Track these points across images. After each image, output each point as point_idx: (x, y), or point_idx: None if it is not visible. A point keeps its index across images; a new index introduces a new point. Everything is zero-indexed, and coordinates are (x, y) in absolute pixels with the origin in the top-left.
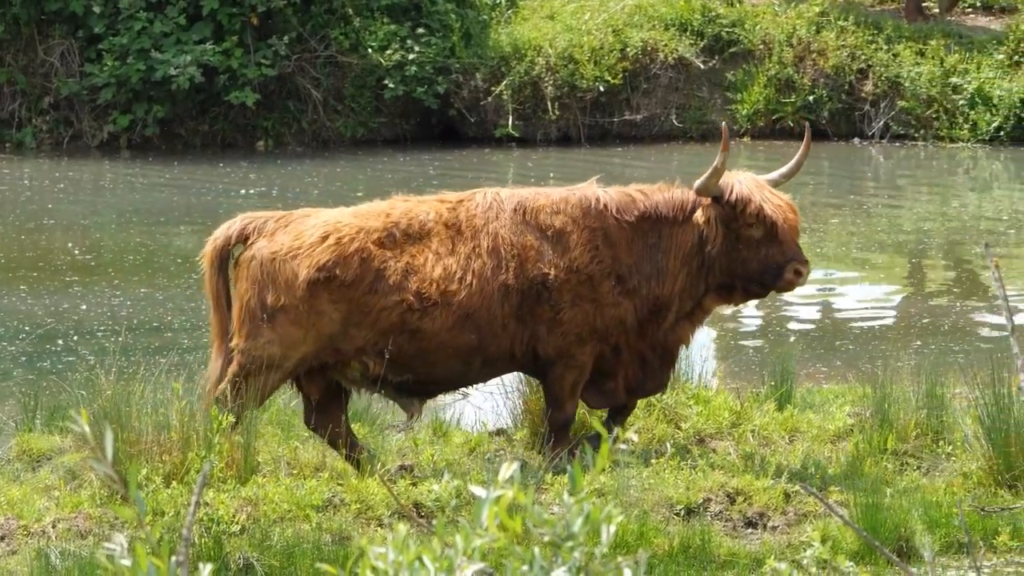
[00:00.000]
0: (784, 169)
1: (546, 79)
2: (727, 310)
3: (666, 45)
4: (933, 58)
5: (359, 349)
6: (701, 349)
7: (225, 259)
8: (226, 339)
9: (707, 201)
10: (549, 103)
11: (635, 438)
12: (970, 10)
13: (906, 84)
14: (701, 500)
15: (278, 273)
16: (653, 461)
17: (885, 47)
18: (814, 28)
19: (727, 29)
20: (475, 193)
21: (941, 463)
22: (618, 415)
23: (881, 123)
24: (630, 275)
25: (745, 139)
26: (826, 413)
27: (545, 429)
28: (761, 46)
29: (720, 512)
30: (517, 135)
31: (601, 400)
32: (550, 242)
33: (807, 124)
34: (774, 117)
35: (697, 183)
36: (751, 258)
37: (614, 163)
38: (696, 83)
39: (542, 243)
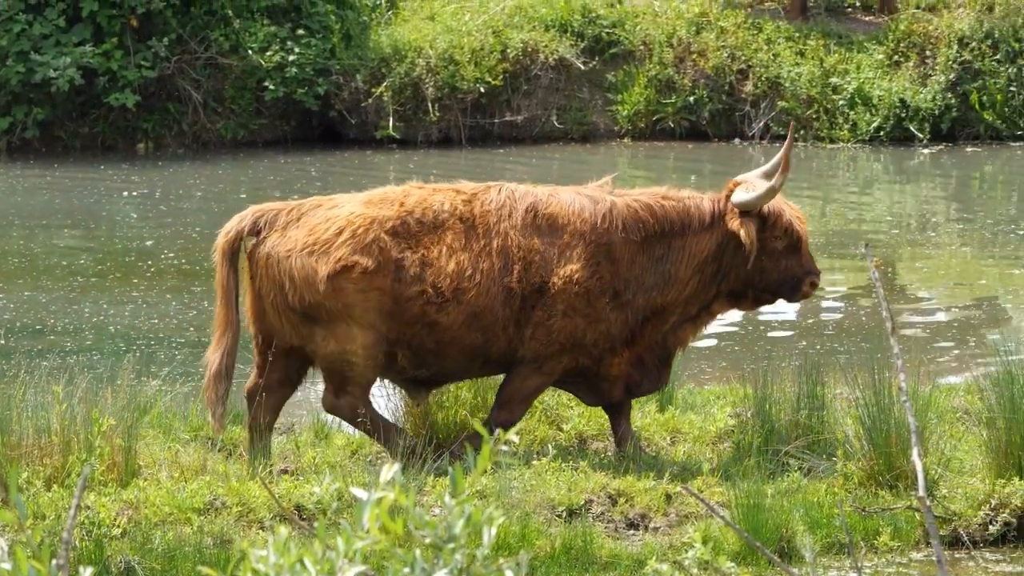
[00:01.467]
0: (778, 171)
1: (427, 80)
2: None
3: (546, 46)
4: (813, 58)
5: (392, 340)
6: None
7: (237, 252)
8: (228, 332)
9: (735, 211)
10: (430, 104)
11: (516, 439)
12: (850, 9)
13: (786, 84)
14: (583, 501)
15: (295, 271)
16: (535, 463)
17: (765, 47)
18: (694, 29)
19: (607, 30)
20: (490, 187)
21: (822, 464)
22: (616, 414)
23: (761, 123)
24: (625, 289)
25: (626, 140)
26: (707, 414)
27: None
28: (641, 47)
29: (602, 513)
30: (398, 136)
31: (595, 399)
32: (555, 250)
33: (792, 124)
34: (655, 118)
35: (744, 198)
36: (771, 269)
37: (495, 164)
38: (577, 84)
39: (548, 249)
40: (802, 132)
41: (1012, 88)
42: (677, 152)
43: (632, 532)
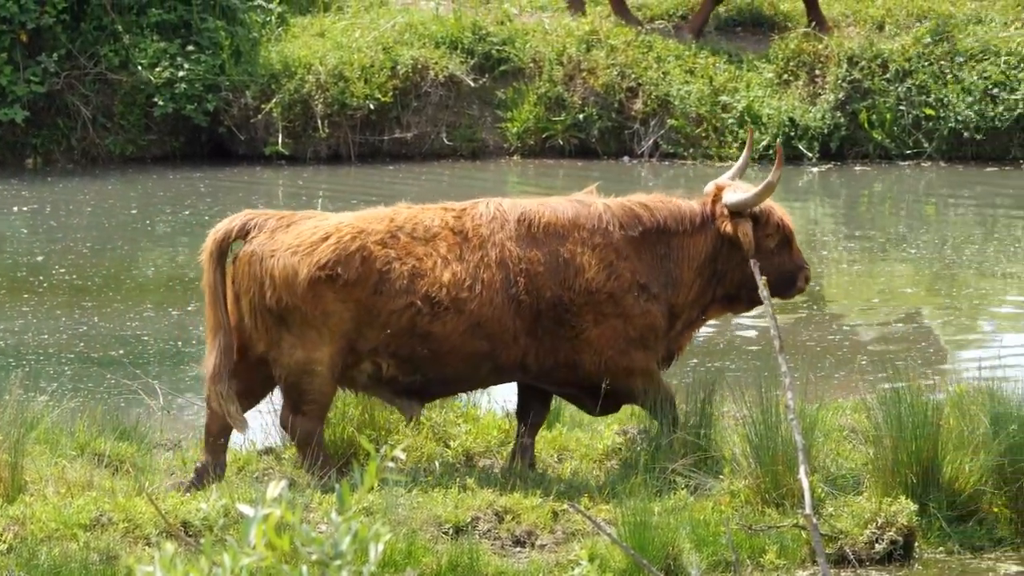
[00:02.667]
0: (773, 167)
1: (316, 97)
2: None
3: (437, 63)
4: (703, 77)
5: (372, 350)
6: None
7: (224, 253)
8: (220, 333)
9: (726, 214)
10: (319, 121)
11: (403, 456)
12: (739, 28)
13: (675, 103)
14: (469, 519)
15: (276, 270)
16: (422, 479)
17: (655, 66)
18: (584, 46)
19: (498, 47)
20: (477, 203)
21: (709, 481)
22: (534, 427)
23: (651, 141)
24: (651, 282)
25: (515, 157)
26: (594, 432)
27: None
28: (531, 64)
29: (488, 530)
30: (287, 153)
31: (594, 407)
32: (561, 260)
33: (779, 144)
34: (544, 135)
35: (738, 198)
36: (766, 267)
37: (384, 181)
38: (466, 101)
39: (551, 259)
40: (691, 150)
41: (901, 107)
42: (566, 170)
43: (519, 549)
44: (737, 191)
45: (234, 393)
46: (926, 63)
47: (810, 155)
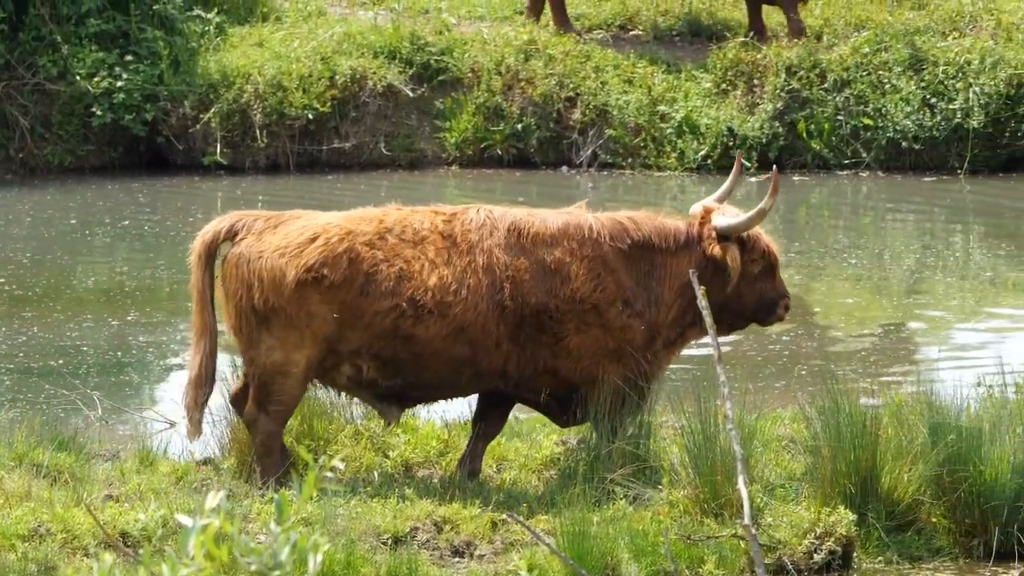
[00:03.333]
0: (767, 194)
1: (255, 107)
2: None
3: (375, 73)
4: (641, 86)
5: (353, 352)
6: None
7: (212, 255)
8: (206, 336)
9: (713, 237)
10: (258, 131)
11: (342, 466)
12: (678, 38)
13: (614, 112)
14: (408, 529)
15: (264, 271)
16: (360, 490)
17: (593, 75)
18: (523, 56)
19: (436, 57)
20: (467, 208)
21: (648, 492)
22: (485, 439)
23: (589, 151)
24: (634, 297)
25: (453, 167)
26: (533, 442)
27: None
28: (470, 74)
29: (427, 541)
30: (225, 163)
31: (570, 421)
32: (547, 269)
33: (775, 169)
34: (483, 145)
35: (729, 222)
36: (748, 293)
37: (323, 191)
38: (405, 111)
39: (537, 268)
40: (629, 160)
41: (839, 117)
42: (505, 180)
43: (457, 560)
44: (727, 215)
45: (207, 401)
46: (864, 73)
47: (748, 165)
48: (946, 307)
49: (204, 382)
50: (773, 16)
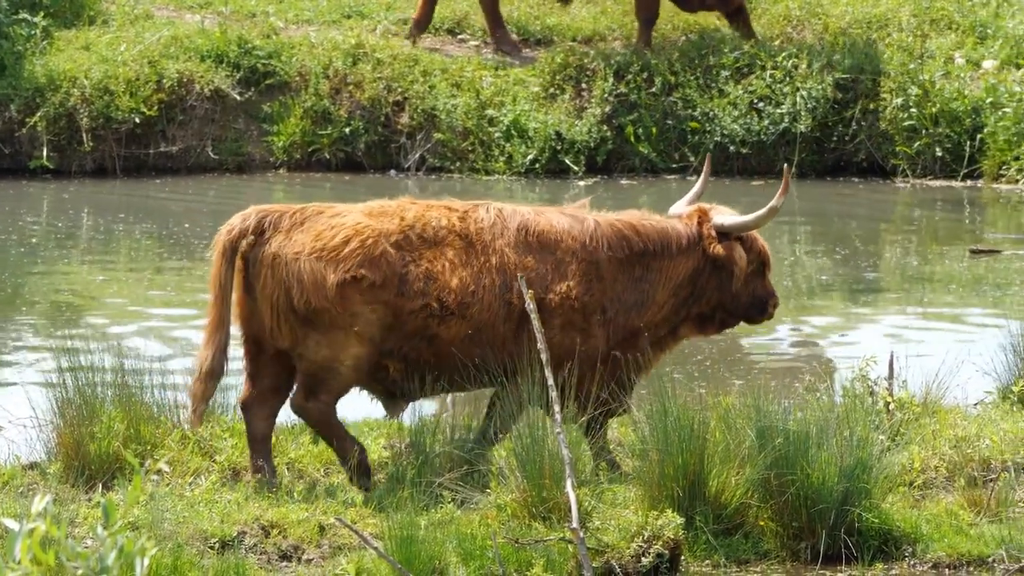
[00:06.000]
0: (778, 192)
1: (81, 110)
2: None
3: (202, 76)
4: (469, 90)
5: (386, 352)
6: (239, 384)
7: (236, 251)
8: (221, 330)
9: (714, 236)
10: (84, 134)
11: (168, 470)
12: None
13: (442, 116)
14: (236, 533)
15: (304, 274)
16: (188, 494)
17: (421, 79)
18: (350, 60)
19: (263, 61)
20: (477, 206)
21: (476, 495)
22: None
23: (417, 155)
24: (610, 306)
25: (281, 171)
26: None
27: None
28: (297, 78)
29: (255, 545)
30: (52, 166)
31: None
32: (548, 267)
33: (786, 168)
34: (310, 149)
35: (737, 221)
36: (742, 292)
37: (150, 195)
38: (232, 115)
39: (541, 266)
40: (458, 164)
41: (668, 121)
42: (333, 183)
43: (285, 564)
44: (728, 214)
45: (213, 394)
46: (692, 77)
47: (576, 169)
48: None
49: (215, 376)
50: (600, 20)
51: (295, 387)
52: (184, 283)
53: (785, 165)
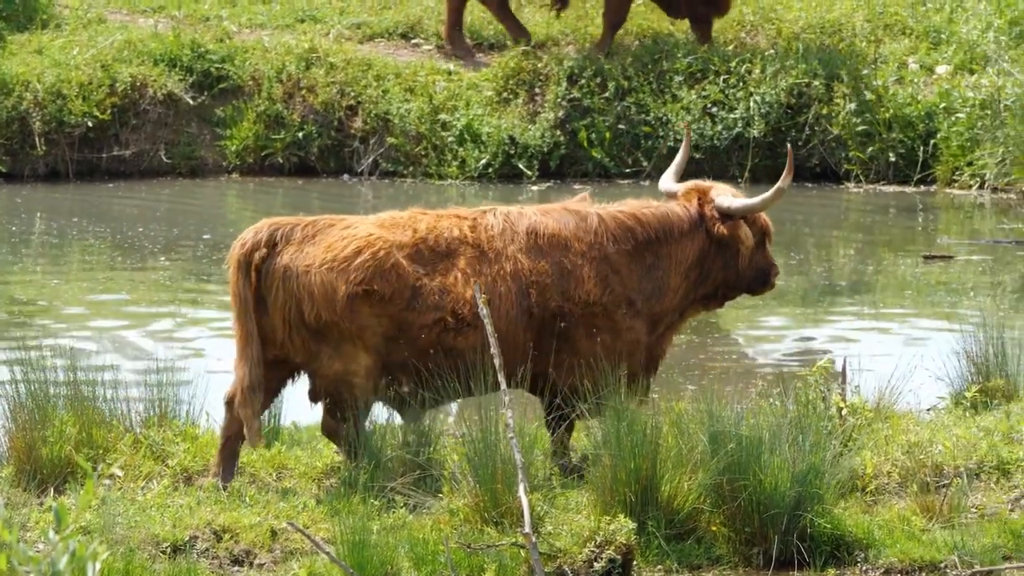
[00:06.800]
0: (784, 172)
1: (34, 114)
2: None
3: (155, 80)
4: (422, 95)
5: (397, 364)
6: (191, 389)
7: (251, 264)
8: (251, 344)
9: (716, 217)
10: (37, 138)
11: (120, 474)
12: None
13: (395, 121)
14: (187, 537)
15: (315, 287)
16: (140, 498)
17: (375, 84)
18: (304, 64)
19: (217, 65)
20: (484, 212)
21: (428, 500)
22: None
23: (370, 160)
24: (637, 297)
25: (234, 175)
26: (314, 450)
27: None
28: (251, 82)
29: (206, 549)
30: (4, 170)
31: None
32: (561, 270)
33: (789, 147)
34: (264, 153)
35: (746, 203)
36: (745, 267)
37: (103, 199)
38: (185, 119)
39: (554, 269)
40: (411, 168)
41: (620, 126)
42: (286, 188)
43: (237, 569)
44: (728, 193)
45: (261, 408)
46: (646, 82)
47: (530, 173)
48: (730, 316)
49: (256, 389)
50: (554, 25)
51: (322, 412)
52: (137, 287)
53: (788, 145)
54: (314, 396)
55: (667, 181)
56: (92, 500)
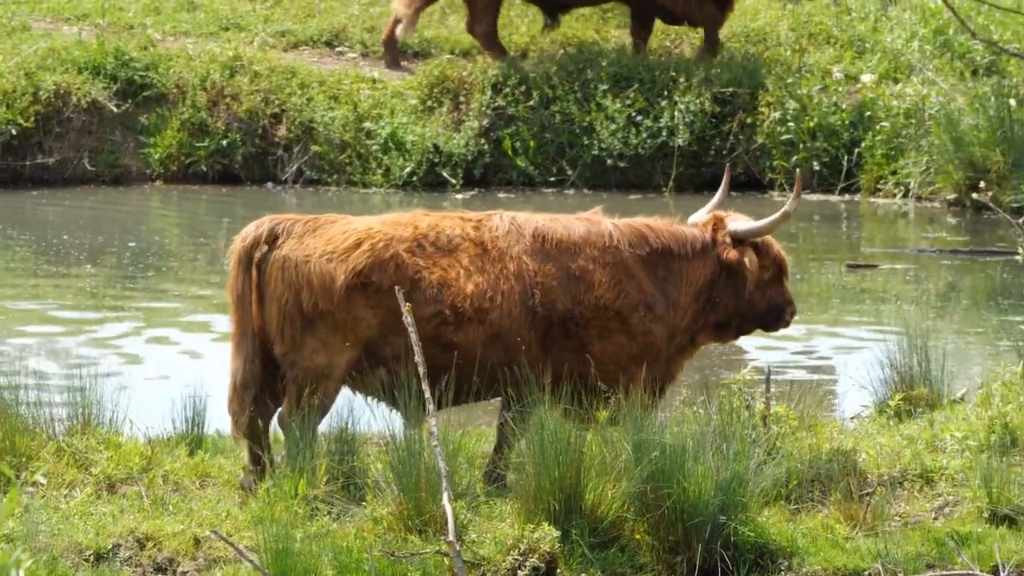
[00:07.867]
0: (768, 219)
1: None
2: None
3: (79, 88)
4: (347, 103)
5: (394, 357)
6: (115, 397)
7: (252, 259)
8: (246, 340)
9: (728, 242)
10: None
11: (44, 482)
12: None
13: (319, 129)
14: (111, 546)
15: (313, 276)
16: (63, 506)
17: (299, 92)
18: (228, 72)
19: (140, 73)
20: (491, 215)
21: (352, 508)
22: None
23: (294, 168)
24: (655, 302)
25: (158, 183)
26: (237, 458)
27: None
28: (175, 90)
29: (130, 558)
30: None
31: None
32: (572, 275)
33: (797, 171)
34: (187, 161)
35: (750, 226)
36: (759, 299)
37: (27, 207)
38: (109, 126)
39: (563, 273)
40: (335, 176)
41: (545, 134)
42: (210, 195)
43: None
44: (743, 221)
45: (252, 403)
46: (570, 90)
47: (454, 182)
48: None
49: (249, 386)
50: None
51: (285, 402)
52: (64, 294)
53: (797, 170)
54: (283, 388)
55: (697, 215)
56: (15, 508)
